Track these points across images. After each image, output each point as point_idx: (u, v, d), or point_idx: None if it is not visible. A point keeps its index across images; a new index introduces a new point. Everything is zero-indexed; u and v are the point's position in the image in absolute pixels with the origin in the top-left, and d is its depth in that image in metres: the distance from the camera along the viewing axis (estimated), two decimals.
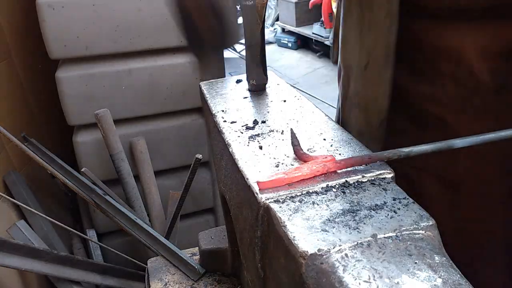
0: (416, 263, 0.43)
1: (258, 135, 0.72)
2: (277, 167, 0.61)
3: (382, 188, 0.55)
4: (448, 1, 0.70)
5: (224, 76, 1.73)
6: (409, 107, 0.82)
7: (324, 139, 0.68)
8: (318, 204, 0.52)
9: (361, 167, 0.60)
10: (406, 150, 0.54)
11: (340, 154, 0.64)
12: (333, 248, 0.45)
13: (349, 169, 0.58)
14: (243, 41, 0.87)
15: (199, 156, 1.40)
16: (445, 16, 0.72)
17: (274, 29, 6.18)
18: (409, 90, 0.80)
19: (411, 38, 0.76)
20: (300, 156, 0.61)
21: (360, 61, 0.78)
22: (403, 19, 0.74)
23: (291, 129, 0.67)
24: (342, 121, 0.88)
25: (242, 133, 0.73)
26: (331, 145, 0.67)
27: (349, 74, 0.82)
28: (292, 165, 0.62)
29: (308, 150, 0.66)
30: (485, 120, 0.74)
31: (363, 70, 0.78)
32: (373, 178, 0.57)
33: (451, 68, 0.74)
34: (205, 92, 0.93)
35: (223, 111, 0.82)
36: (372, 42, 0.75)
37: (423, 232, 0.47)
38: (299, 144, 0.63)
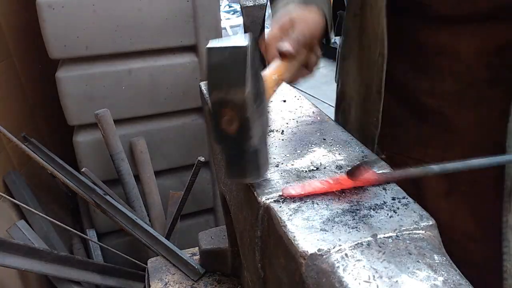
0: (416, 263, 0.43)
1: None
2: (277, 167, 0.62)
3: (382, 188, 0.55)
4: (451, 9, 0.76)
5: None
6: (409, 101, 0.87)
7: (324, 139, 0.69)
8: (318, 204, 0.52)
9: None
10: (436, 168, 0.53)
11: (339, 154, 0.64)
12: (333, 248, 0.45)
13: (348, 168, 0.58)
14: None
15: (202, 158, 1.40)
16: (445, 20, 0.77)
17: None
18: (410, 85, 0.85)
19: (413, 39, 0.82)
20: (353, 172, 0.54)
21: (360, 93, 0.88)
22: (405, 21, 0.81)
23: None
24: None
25: None
26: (331, 145, 0.67)
27: (351, 103, 0.91)
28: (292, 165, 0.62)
29: (308, 150, 0.66)
30: (480, 110, 0.80)
31: (363, 101, 0.87)
32: None
33: (450, 65, 0.79)
34: (205, 92, 0.93)
35: None
36: (369, 78, 0.83)
37: (423, 232, 0.47)
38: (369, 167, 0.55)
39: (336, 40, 1.07)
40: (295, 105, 0.82)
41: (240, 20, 6.15)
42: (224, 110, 0.50)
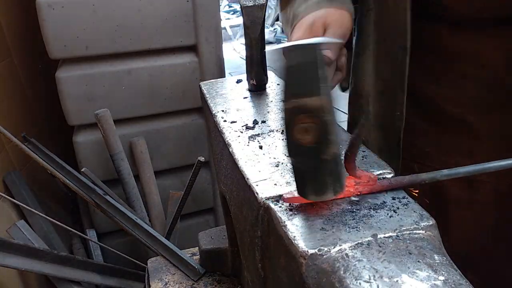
0: (416, 263, 0.43)
1: (258, 135, 0.72)
2: (277, 166, 0.62)
3: None
4: (470, 12, 0.74)
5: (224, 76, 1.73)
6: (428, 109, 0.85)
7: None
8: (318, 204, 0.52)
9: (362, 167, 0.60)
10: (445, 172, 0.53)
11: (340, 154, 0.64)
12: (333, 248, 0.45)
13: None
14: (243, 41, 0.87)
15: (202, 158, 1.40)
16: (466, 23, 0.75)
17: (274, 29, 6.18)
18: (428, 92, 0.83)
19: (432, 44, 0.80)
20: (348, 167, 0.52)
21: (377, 88, 0.85)
22: (424, 25, 0.78)
23: (357, 130, 0.52)
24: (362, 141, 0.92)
25: (242, 133, 0.73)
26: None
27: (369, 99, 0.88)
28: None
29: None
30: (505, 118, 0.78)
31: (381, 96, 0.84)
32: None
33: (471, 70, 0.77)
34: (205, 92, 0.93)
35: (223, 111, 0.82)
36: (387, 72, 0.81)
37: (423, 231, 0.47)
38: (356, 153, 0.52)
39: None
40: None
41: (240, 20, 6.16)
42: (299, 117, 0.45)
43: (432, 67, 0.82)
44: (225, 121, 0.78)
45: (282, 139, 0.70)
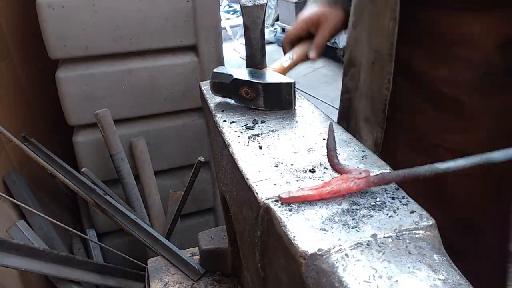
0: (416, 263, 0.43)
1: (258, 135, 0.72)
2: (277, 167, 0.62)
3: (381, 188, 0.55)
4: None
5: None
6: (427, 90, 0.90)
7: (324, 139, 0.68)
8: (317, 204, 0.52)
9: (361, 166, 0.60)
10: (443, 166, 0.52)
11: (340, 153, 0.64)
12: (333, 248, 0.45)
13: (350, 168, 0.58)
14: (243, 41, 0.87)
15: (202, 158, 1.40)
16: (459, 6, 0.80)
17: (274, 29, 6.19)
18: (428, 74, 0.89)
19: (429, 27, 0.85)
20: (333, 165, 0.56)
21: (368, 58, 0.91)
22: (421, 9, 0.84)
23: (330, 124, 0.59)
24: (352, 108, 0.99)
25: (242, 133, 0.73)
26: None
27: (360, 69, 0.94)
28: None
29: (307, 150, 0.66)
30: (497, 98, 0.84)
31: (371, 65, 0.90)
32: None
33: (467, 52, 0.82)
34: (205, 92, 0.93)
35: (223, 111, 0.82)
36: (378, 43, 0.87)
37: (423, 232, 0.47)
38: (335, 149, 0.56)
39: (335, 40, 1.13)
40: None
41: (240, 20, 6.16)
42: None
43: (430, 50, 0.87)
44: (224, 121, 0.78)
45: (282, 139, 0.70)
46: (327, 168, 0.60)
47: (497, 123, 0.85)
